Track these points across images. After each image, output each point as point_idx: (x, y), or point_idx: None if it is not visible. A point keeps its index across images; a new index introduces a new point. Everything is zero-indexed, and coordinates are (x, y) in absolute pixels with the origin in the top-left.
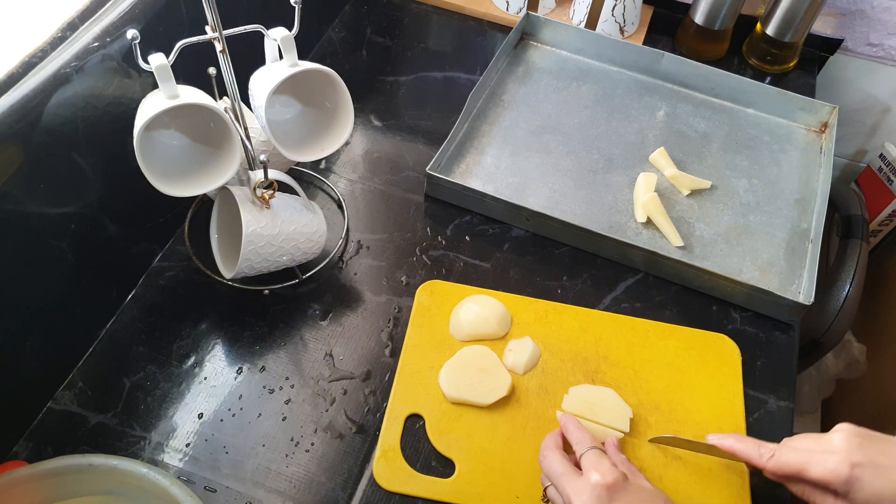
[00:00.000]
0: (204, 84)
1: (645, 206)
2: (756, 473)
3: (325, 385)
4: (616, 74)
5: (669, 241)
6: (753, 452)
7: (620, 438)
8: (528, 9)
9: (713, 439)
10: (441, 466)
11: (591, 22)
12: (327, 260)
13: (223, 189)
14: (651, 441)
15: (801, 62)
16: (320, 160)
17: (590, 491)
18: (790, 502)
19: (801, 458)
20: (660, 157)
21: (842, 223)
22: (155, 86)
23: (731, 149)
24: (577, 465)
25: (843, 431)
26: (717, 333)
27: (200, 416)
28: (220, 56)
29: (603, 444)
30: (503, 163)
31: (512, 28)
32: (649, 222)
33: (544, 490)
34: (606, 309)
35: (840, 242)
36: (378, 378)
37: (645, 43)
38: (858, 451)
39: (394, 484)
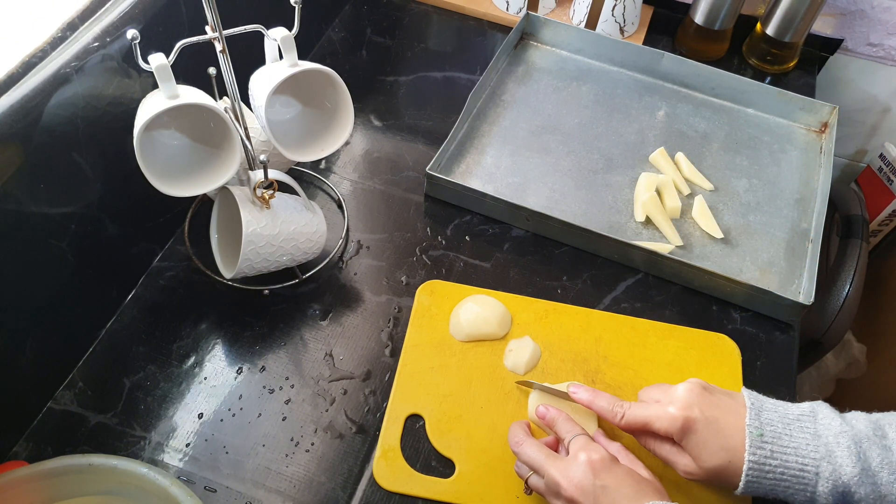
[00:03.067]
0: (204, 84)
1: (644, 205)
2: None
3: (325, 385)
4: (616, 74)
5: (669, 241)
6: (608, 410)
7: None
8: (528, 9)
9: (572, 389)
10: (441, 466)
11: (591, 22)
12: (327, 260)
13: (223, 189)
14: (517, 383)
15: (801, 62)
16: (320, 160)
17: (577, 467)
18: None
19: (648, 412)
20: (660, 157)
21: (842, 223)
22: (155, 86)
23: (731, 149)
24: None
25: (688, 383)
26: (717, 333)
27: (200, 416)
28: (220, 56)
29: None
30: (503, 163)
31: (512, 28)
32: (649, 222)
33: (525, 482)
34: (606, 309)
35: (840, 242)
36: (378, 378)
37: (645, 43)
38: (696, 402)
39: (394, 484)
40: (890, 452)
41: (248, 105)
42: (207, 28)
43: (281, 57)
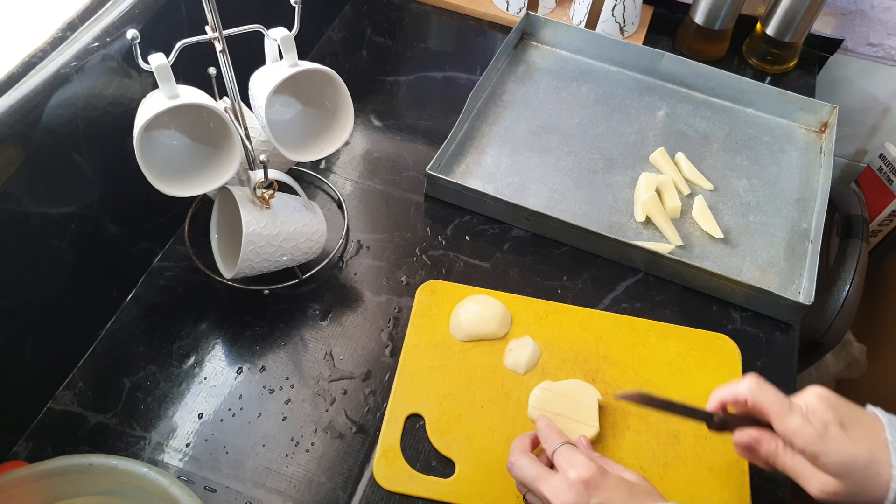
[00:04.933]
0: (204, 84)
1: (644, 205)
2: (756, 473)
3: (325, 385)
4: (616, 74)
5: (669, 241)
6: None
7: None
8: (528, 9)
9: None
10: (441, 466)
11: (591, 22)
12: (327, 260)
13: (223, 189)
14: (617, 397)
15: (801, 62)
16: (320, 160)
17: (568, 488)
18: (790, 502)
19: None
20: (660, 157)
21: (842, 223)
22: (155, 86)
23: (731, 149)
24: (550, 465)
25: (815, 389)
26: (717, 333)
27: (200, 416)
28: (220, 56)
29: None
30: (503, 163)
31: (512, 28)
32: (648, 222)
33: (523, 497)
34: (606, 309)
35: (840, 242)
36: (378, 378)
37: (645, 43)
38: (833, 404)
39: (394, 484)
40: None
41: (248, 105)
42: (207, 28)
43: (281, 57)
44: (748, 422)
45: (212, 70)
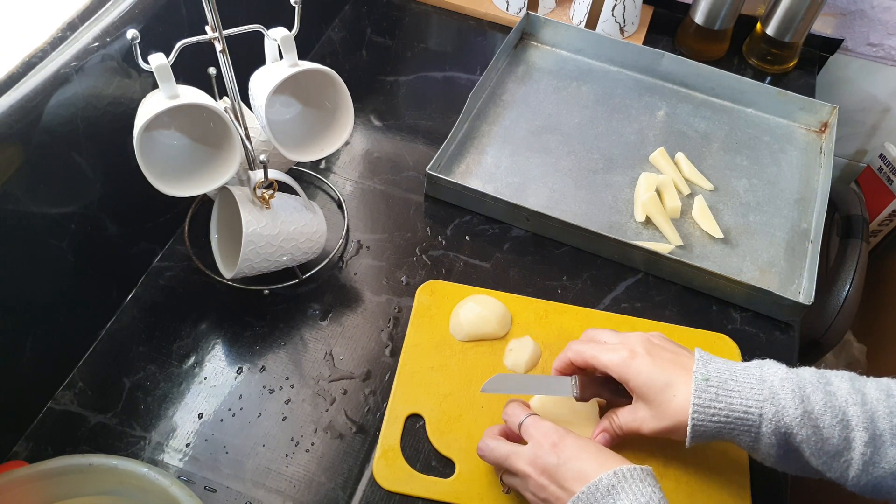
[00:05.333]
0: (204, 84)
1: (644, 205)
2: (756, 472)
3: (325, 385)
4: (616, 74)
5: (669, 241)
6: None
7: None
8: (528, 9)
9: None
10: (441, 466)
11: (591, 22)
12: (327, 260)
13: (223, 189)
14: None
15: (801, 62)
16: (320, 160)
17: (538, 453)
18: (790, 503)
19: (595, 349)
20: (660, 157)
21: (842, 223)
22: (155, 86)
23: (731, 149)
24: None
25: (639, 333)
26: (717, 333)
27: (200, 416)
28: (220, 56)
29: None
30: (503, 163)
31: (512, 28)
32: (648, 222)
33: (500, 480)
34: (606, 309)
35: (840, 242)
36: (378, 378)
37: (645, 43)
38: (643, 343)
39: (394, 484)
40: (833, 397)
41: (248, 105)
42: (207, 28)
43: (281, 57)
44: (605, 384)
45: (212, 70)
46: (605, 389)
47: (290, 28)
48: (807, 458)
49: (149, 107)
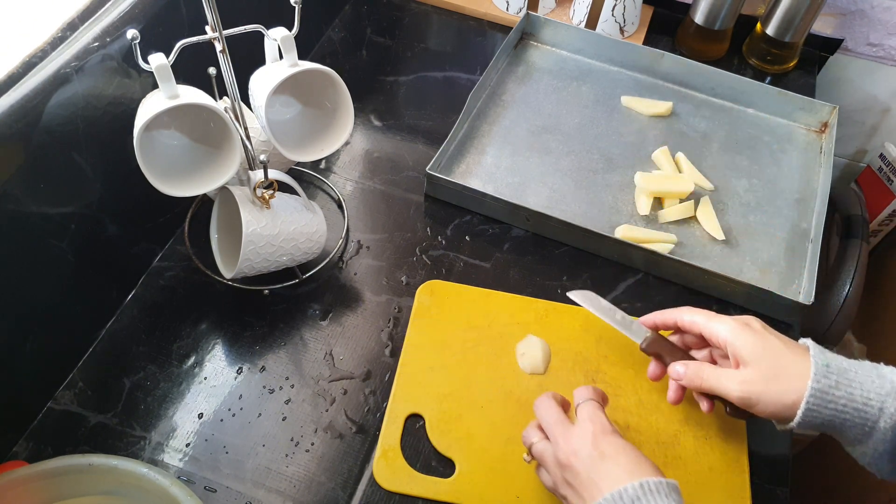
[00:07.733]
0: (204, 84)
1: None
2: (756, 473)
3: (325, 385)
4: (616, 74)
5: (675, 234)
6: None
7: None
8: (528, 9)
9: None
10: (441, 466)
11: (591, 22)
12: (327, 260)
13: (223, 189)
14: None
15: (801, 62)
16: (320, 160)
17: (581, 436)
18: (790, 503)
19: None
20: (661, 156)
21: (842, 223)
22: (155, 86)
23: (731, 149)
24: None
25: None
26: None
27: (200, 416)
28: (220, 56)
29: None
30: (503, 163)
31: (512, 28)
32: (651, 220)
33: (529, 449)
34: None
35: (840, 242)
36: (378, 378)
37: (645, 43)
38: (757, 322)
39: (394, 484)
40: None
41: (248, 105)
42: (207, 28)
43: (281, 57)
44: (674, 350)
45: (212, 70)
46: (666, 354)
47: (290, 28)
48: None
49: (149, 107)
